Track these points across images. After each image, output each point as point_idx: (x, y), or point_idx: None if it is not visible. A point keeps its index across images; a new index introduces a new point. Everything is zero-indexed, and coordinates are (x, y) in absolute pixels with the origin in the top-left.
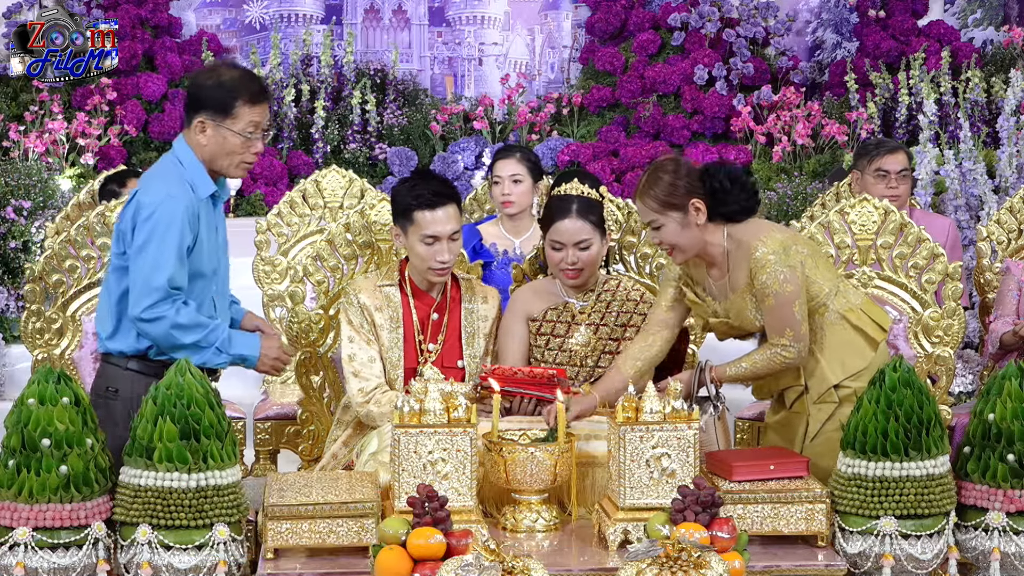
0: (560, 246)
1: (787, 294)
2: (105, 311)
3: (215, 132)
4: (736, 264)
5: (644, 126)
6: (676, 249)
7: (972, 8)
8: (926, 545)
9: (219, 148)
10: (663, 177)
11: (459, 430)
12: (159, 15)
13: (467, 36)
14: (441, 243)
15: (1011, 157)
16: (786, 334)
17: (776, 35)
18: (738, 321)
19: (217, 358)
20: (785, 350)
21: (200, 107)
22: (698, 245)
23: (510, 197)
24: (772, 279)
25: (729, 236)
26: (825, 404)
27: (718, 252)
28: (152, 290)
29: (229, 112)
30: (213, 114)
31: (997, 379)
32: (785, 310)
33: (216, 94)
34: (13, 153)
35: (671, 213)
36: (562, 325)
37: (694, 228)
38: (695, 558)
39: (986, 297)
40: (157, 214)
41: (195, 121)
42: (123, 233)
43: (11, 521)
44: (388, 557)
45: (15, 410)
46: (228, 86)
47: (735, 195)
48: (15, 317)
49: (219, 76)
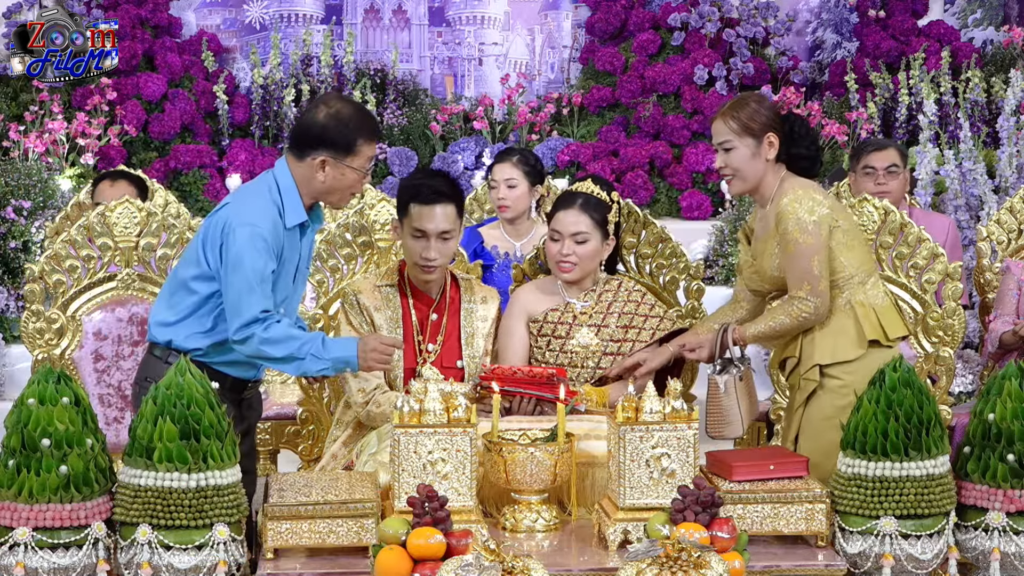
0: (558, 236)
1: (807, 246)
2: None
3: (335, 170)
4: (773, 209)
5: (644, 126)
6: (737, 176)
7: (972, 8)
8: (926, 545)
9: (336, 184)
10: (750, 103)
11: (459, 430)
12: (159, 15)
13: (467, 36)
14: (428, 240)
15: (1011, 157)
16: (804, 287)
17: (776, 35)
18: (759, 264)
19: (316, 364)
20: (802, 303)
21: (321, 144)
22: (757, 179)
23: (505, 202)
24: (795, 227)
25: (780, 181)
26: (807, 381)
27: (768, 194)
28: (242, 314)
29: (352, 150)
30: (335, 152)
31: (997, 379)
32: (803, 261)
33: (339, 132)
34: (13, 153)
35: (747, 138)
36: (563, 326)
37: (761, 161)
38: (695, 558)
39: (986, 297)
40: (247, 239)
41: (315, 159)
42: (207, 243)
43: (11, 521)
44: (388, 557)
45: (15, 410)
46: (351, 125)
47: (806, 143)
48: (15, 317)
49: (339, 114)
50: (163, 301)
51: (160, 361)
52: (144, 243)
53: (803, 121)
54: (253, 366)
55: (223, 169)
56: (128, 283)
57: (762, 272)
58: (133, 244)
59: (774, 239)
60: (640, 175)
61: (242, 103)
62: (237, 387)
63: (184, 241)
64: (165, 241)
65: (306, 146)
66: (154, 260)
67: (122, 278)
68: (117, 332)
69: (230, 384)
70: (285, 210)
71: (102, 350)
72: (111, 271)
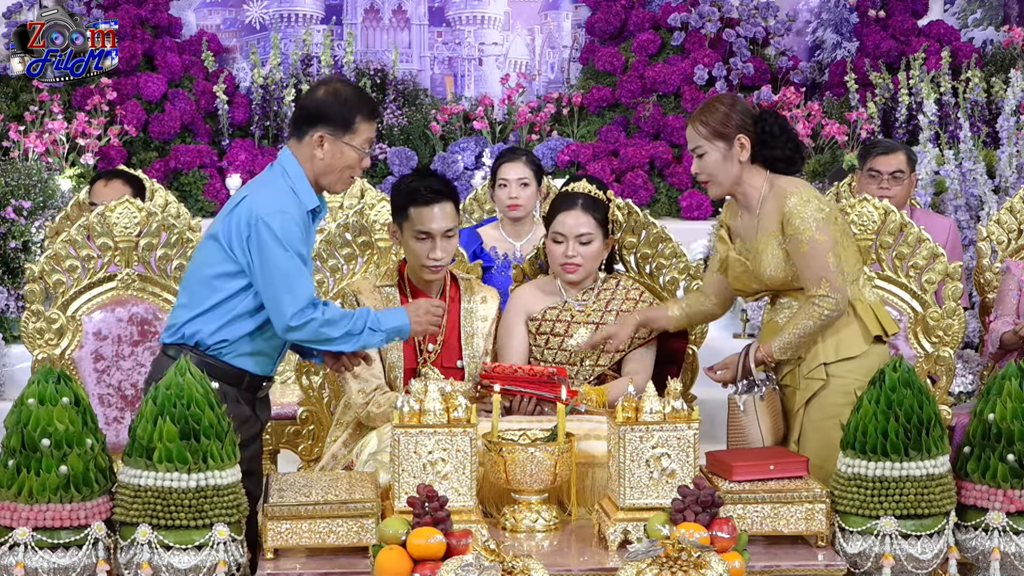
0: (562, 239)
1: (822, 243)
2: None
3: (333, 146)
4: (769, 210)
5: (644, 126)
6: (712, 181)
7: (972, 8)
8: (926, 545)
9: (335, 162)
10: (719, 108)
11: (459, 430)
12: (159, 15)
13: (467, 36)
14: (434, 240)
15: (1011, 157)
16: (823, 284)
17: (776, 35)
18: (753, 264)
19: (373, 338)
20: (823, 300)
21: (319, 121)
22: (734, 181)
23: (517, 201)
24: (805, 226)
25: (769, 182)
26: (812, 380)
27: (754, 195)
28: (297, 299)
29: (350, 127)
30: (334, 129)
31: (997, 379)
32: (819, 260)
33: (337, 109)
34: (13, 153)
35: (717, 143)
36: (561, 324)
37: (735, 163)
38: (695, 558)
39: (986, 297)
40: (281, 225)
41: (313, 135)
42: (233, 239)
43: (11, 521)
44: (388, 557)
45: (15, 410)
46: (350, 102)
47: (781, 143)
48: (15, 317)
49: (337, 91)
50: (182, 303)
51: (172, 359)
52: (144, 243)
53: (777, 119)
54: (271, 358)
55: (223, 169)
56: (128, 283)
57: (757, 273)
58: (133, 244)
59: (773, 239)
60: (640, 175)
61: (242, 103)
62: (253, 386)
63: (184, 241)
64: (165, 241)
65: (305, 124)
66: (154, 260)
67: (122, 278)
68: (117, 332)
69: (247, 383)
70: (299, 195)
71: (102, 350)
72: (111, 271)
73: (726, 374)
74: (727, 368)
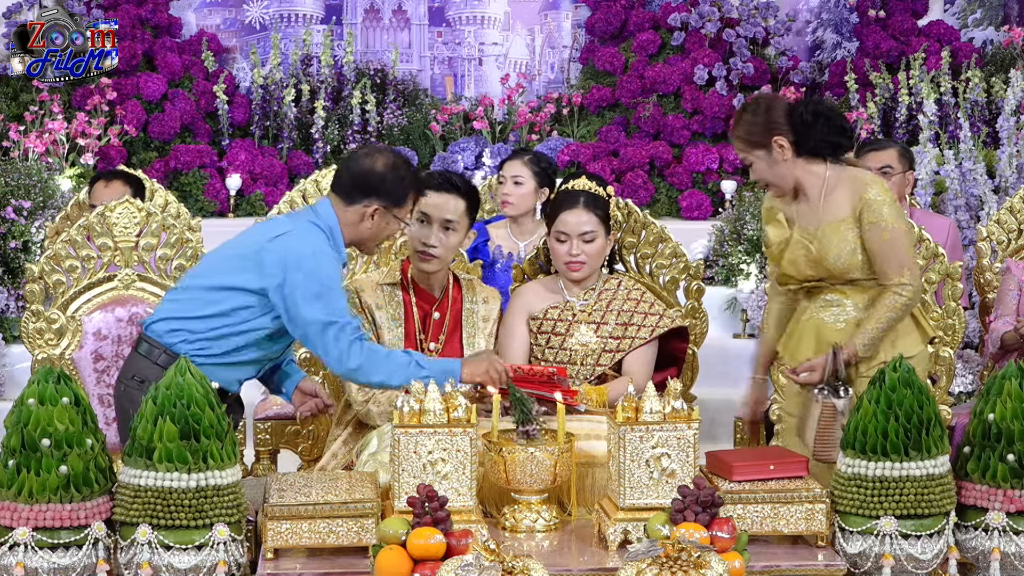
0: (565, 237)
1: (903, 232)
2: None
3: (382, 219)
4: (839, 197)
5: (644, 126)
6: (770, 184)
7: (972, 8)
8: (926, 545)
9: (380, 232)
10: (744, 117)
11: (459, 430)
12: (159, 15)
13: (467, 36)
14: (431, 225)
15: (1011, 157)
16: (904, 273)
17: (776, 35)
18: (819, 251)
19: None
20: (903, 289)
21: (375, 194)
22: (790, 180)
23: (508, 198)
24: (890, 213)
25: (832, 170)
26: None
27: (815, 184)
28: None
29: (402, 202)
30: (388, 202)
31: (997, 379)
32: (901, 248)
33: (395, 185)
34: (13, 153)
35: (756, 151)
36: (563, 324)
37: (782, 164)
38: (695, 558)
39: (986, 297)
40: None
41: (369, 207)
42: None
43: (11, 521)
44: (388, 557)
45: (15, 410)
46: (407, 179)
47: (819, 130)
48: (15, 317)
49: (396, 167)
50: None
51: (145, 358)
52: (144, 243)
53: (808, 107)
54: (239, 382)
55: (223, 169)
56: (128, 283)
57: (822, 258)
58: (133, 244)
59: (844, 226)
60: (640, 175)
61: (242, 103)
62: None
63: (184, 241)
64: (165, 241)
65: (359, 192)
66: (154, 260)
67: (122, 278)
68: (117, 332)
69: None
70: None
71: (102, 350)
72: (111, 271)
73: (812, 376)
74: (813, 370)
